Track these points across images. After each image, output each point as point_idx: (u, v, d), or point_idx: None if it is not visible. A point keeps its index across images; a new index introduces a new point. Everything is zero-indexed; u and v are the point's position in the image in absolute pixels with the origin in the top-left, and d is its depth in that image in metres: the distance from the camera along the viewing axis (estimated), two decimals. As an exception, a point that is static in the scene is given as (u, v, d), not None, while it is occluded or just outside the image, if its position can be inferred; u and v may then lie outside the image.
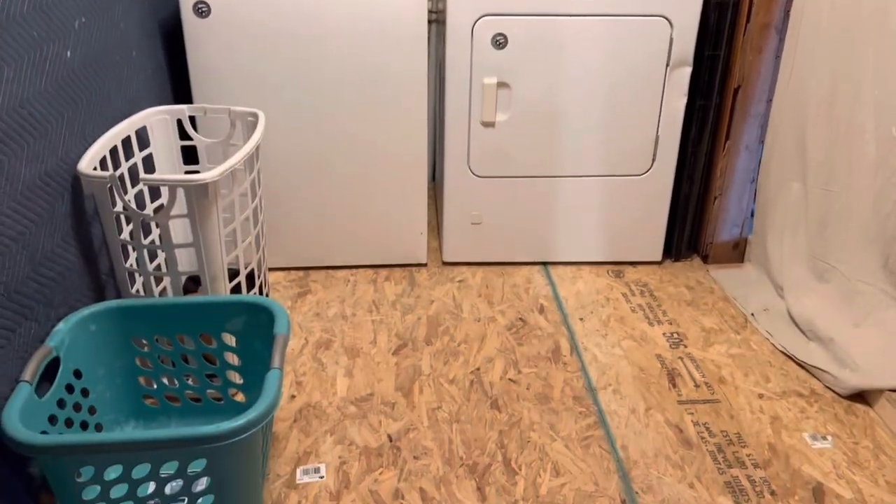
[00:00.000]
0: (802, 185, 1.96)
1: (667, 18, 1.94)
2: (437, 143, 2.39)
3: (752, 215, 2.22)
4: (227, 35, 1.87)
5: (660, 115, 2.06)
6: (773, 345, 1.88)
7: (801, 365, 1.80)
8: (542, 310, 2.02)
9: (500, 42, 1.96)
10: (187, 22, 1.85)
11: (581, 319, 1.98)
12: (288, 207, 2.11)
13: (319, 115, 1.99)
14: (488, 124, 2.06)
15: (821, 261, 1.92)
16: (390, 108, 2.00)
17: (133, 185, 1.64)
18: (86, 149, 1.47)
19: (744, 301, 2.07)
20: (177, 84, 2.03)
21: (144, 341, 1.46)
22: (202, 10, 1.83)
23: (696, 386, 1.73)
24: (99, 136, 1.53)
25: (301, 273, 2.19)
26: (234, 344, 1.49)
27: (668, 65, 2.00)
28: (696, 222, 2.26)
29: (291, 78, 1.94)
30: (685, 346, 1.87)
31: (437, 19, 2.24)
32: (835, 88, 1.80)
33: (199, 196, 1.42)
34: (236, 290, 1.64)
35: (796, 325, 1.91)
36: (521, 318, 1.98)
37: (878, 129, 1.70)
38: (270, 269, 2.18)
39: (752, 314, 2.01)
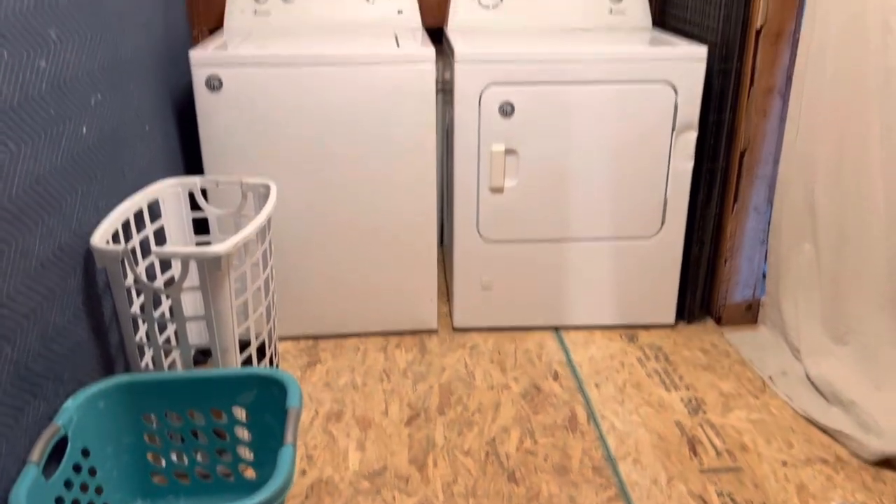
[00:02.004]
0: (814, 246, 1.95)
1: (671, 84, 1.97)
2: (444, 208, 2.40)
3: (764, 276, 2.20)
4: (238, 108, 1.90)
5: (667, 179, 2.07)
6: (793, 409, 1.84)
7: (823, 430, 1.76)
8: (556, 376, 1.99)
9: (507, 110, 1.98)
10: (199, 96, 1.88)
11: (596, 386, 1.94)
12: (297, 276, 2.10)
13: (329, 184, 2.00)
14: (497, 190, 2.07)
15: (837, 323, 1.89)
16: (399, 176, 2.02)
17: (144, 258, 1.64)
18: (99, 222, 1.48)
19: (761, 364, 2.03)
20: (188, 156, 2.05)
21: (153, 417, 1.43)
22: (214, 85, 1.87)
23: (718, 454, 1.68)
24: (112, 208, 1.54)
25: (310, 342, 2.17)
26: (244, 418, 1.46)
27: (673, 129, 2.02)
28: (707, 284, 2.25)
29: (301, 148, 1.95)
30: (704, 412, 1.83)
31: (444, 88, 2.27)
32: (842, 150, 1.81)
33: (212, 268, 1.41)
34: (247, 361, 1.62)
35: (816, 388, 1.88)
36: (535, 386, 1.94)
37: (888, 189, 1.70)
38: (279, 339, 2.16)
39: (770, 377, 1.97)
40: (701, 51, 1.96)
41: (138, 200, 1.63)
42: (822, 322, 1.95)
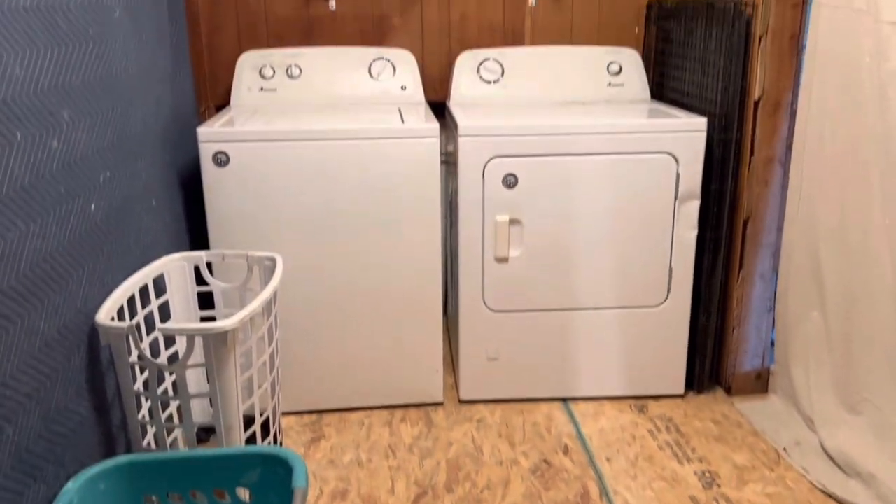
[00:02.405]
0: (822, 314, 1.94)
1: (672, 155, 1.99)
2: (448, 278, 2.40)
3: (773, 344, 2.18)
4: (244, 183, 1.91)
5: (672, 247, 2.07)
6: (810, 482, 1.79)
7: (843, 504, 1.71)
8: (566, 450, 1.94)
9: (510, 181, 2.00)
10: (206, 171, 1.90)
11: (608, 459, 1.90)
12: (300, 349, 2.08)
13: (333, 256, 2.00)
14: (502, 260, 2.07)
15: (850, 391, 1.86)
16: (404, 248, 2.02)
17: (149, 333, 1.63)
18: (104, 298, 1.47)
19: (774, 435, 1.99)
20: (194, 230, 2.06)
21: (155, 498, 1.39)
22: (221, 160, 1.89)
23: (736, 530, 1.63)
24: (117, 284, 1.53)
25: (314, 416, 2.13)
26: (248, 499, 1.41)
27: (676, 199, 2.03)
28: (716, 353, 2.22)
29: (306, 222, 1.96)
30: (719, 486, 1.78)
31: (447, 160, 2.30)
32: (844, 217, 1.82)
33: (218, 344, 1.40)
34: (251, 439, 1.58)
35: (832, 460, 1.83)
36: (545, 460, 1.90)
37: (894, 255, 1.70)
38: (282, 414, 2.12)
39: (785, 449, 1.93)
40: (701, 122, 1.99)
41: (144, 276, 1.62)
42: (834, 391, 1.92)
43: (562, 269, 2.07)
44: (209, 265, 1.83)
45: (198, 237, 2.06)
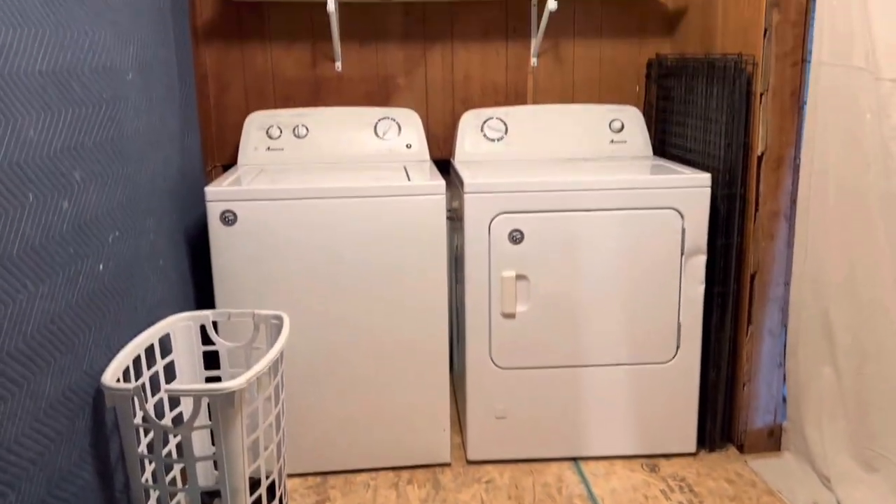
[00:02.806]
0: (834, 369, 1.92)
1: (678, 210, 2.00)
2: (454, 334, 2.38)
3: (785, 400, 2.15)
4: (251, 241, 1.92)
5: (679, 303, 2.06)
6: (830, 544, 1.75)
7: (865, 567, 1.66)
8: (577, 512, 1.90)
9: (516, 237, 2.01)
10: (214, 230, 1.90)
11: (620, 521, 1.85)
12: (305, 409, 2.04)
13: (339, 313, 1.99)
14: (509, 315, 2.05)
15: (866, 448, 1.83)
16: (410, 304, 2.01)
17: (154, 394, 1.60)
18: (110, 359, 1.45)
19: (790, 494, 1.95)
20: (200, 288, 2.05)
21: (158, 567, 1.35)
22: (228, 219, 1.89)
23: None
24: (123, 345, 1.52)
25: (318, 479, 2.08)
26: (254, 566, 1.37)
27: (682, 254, 2.03)
28: (727, 410, 2.19)
29: (313, 279, 1.96)
30: (736, 549, 1.74)
31: (453, 216, 2.31)
32: (853, 270, 1.82)
33: (224, 405, 1.38)
34: (257, 502, 1.54)
35: (852, 520, 1.79)
36: (556, 522, 1.85)
37: (905, 310, 1.69)
38: (287, 476, 2.08)
39: (802, 509, 1.88)
40: (705, 177, 2.00)
41: (149, 336, 1.61)
42: (849, 447, 1.88)
43: (570, 325, 2.06)
44: (215, 324, 1.82)
45: (204, 296, 2.05)
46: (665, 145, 2.46)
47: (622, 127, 2.44)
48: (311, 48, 2.46)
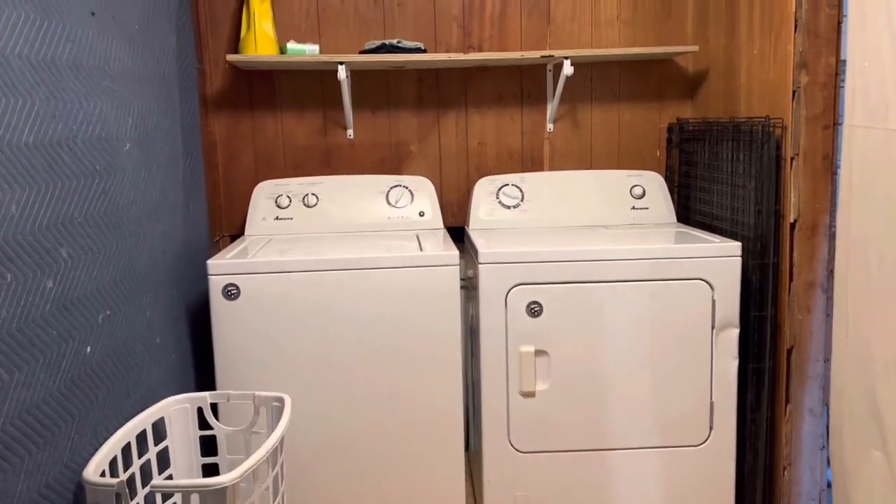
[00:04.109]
0: (884, 453, 1.76)
1: (707, 281, 1.89)
2: (470, 412, 2.25)
3: (829, 486, 1.98)
4: (255, 316, 1.83)
5: (711, 380, 1.93)
6: None
7: None
8: None
9: (535, 310, 1.90)
10: (216, 305, 1.82)
11: None
12: (309, 496, 1.91)
13: (347, 392, 1.88)
14: (528, 394, 1.93)
15: (926, 544, 1.65)
16: (422, 381, 1.90)
17: (144, 485, 1.48)
18: (95, 450, 1.34)
19: None
20: (201, 368, 1.94)
21: None
22: (231, 293, 1.80)
23: None
24: (113, 432, 1.41)
25: (324, 572, 1.93)
26: None
27: (713, 327, 1.91)
28: (766, 497, 2.02)
29: (320, 355, 1.86)
30: None
31: (468, 286, 2.21)
32: (901, 348, 1.68)
33: (216, 502, 1.25)
34: None
35: None
36: None
37: (963, 391, 1.55)
38: (290, 569, 1.93)
39: None
40: (735, 246, 1.90)
41: (141, 421, 1.50)
42: (905, 542, 1.71)
43: (593, 406, 1.92)
44: (214, 406, 1.71)
45: (205, 375, 1.94)
46: (689, 212, 2.36)
47: (643, 193, 2.34)
48: (322, 116, 2.41)
